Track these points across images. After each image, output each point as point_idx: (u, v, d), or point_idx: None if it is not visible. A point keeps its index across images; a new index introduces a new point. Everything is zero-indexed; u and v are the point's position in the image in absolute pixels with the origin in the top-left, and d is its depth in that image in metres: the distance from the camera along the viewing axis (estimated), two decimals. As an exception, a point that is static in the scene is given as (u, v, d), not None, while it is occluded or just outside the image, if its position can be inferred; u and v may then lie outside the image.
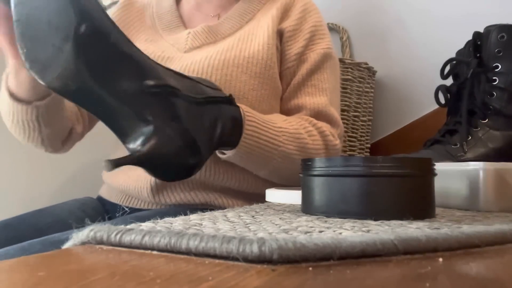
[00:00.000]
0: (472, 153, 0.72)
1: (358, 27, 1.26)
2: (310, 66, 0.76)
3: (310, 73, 0.76)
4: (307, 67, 0.76)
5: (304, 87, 0.76)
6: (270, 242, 0.22)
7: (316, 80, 0.76)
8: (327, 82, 0.77)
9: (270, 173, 0.68)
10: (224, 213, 0.41)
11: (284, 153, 0.65)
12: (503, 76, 0.74)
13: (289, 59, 0.77)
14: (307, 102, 0.74)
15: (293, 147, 0.66)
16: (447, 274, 0.22)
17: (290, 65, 0.77)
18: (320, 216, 0.39)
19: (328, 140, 0.71)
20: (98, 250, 0.26)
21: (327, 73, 0.78)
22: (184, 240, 0.24)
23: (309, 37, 0.77)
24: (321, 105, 0.74)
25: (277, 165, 0.66)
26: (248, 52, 0.72)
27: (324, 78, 0.77)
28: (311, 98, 0.75)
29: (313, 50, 0.77)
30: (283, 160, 0.65)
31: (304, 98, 0.75)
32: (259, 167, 0.66)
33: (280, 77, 0.77)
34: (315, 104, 0.74)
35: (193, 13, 0.83)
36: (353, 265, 0.22)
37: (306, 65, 0.76)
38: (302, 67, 0.76)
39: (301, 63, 0.77)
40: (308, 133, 0.69)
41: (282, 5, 0.79)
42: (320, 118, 0.73)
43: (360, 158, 0.38)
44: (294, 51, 0.77)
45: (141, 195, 0.71)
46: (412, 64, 1.17)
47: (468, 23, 0.91)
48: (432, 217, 0.38)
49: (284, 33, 0.77)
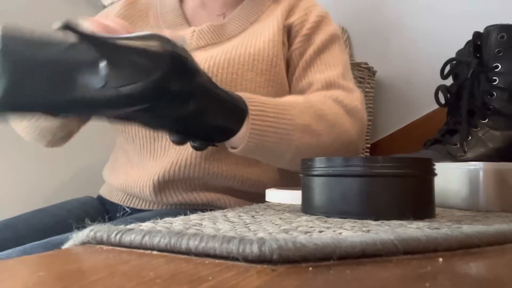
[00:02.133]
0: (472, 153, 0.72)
1: (358, 27, 1.26)
2: (318, 46, 0.75)
3: (319, 52, 0.75)
4: (315, 48, 0.75)
5: (314, 66, 0.74)
6: (270, 242, 0.22)
7: (325, 59, 0.75)
8: (337, 59, 0.75)
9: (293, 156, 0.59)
10: (224, 213, 0.41)
11: (301, 126, 0.58)
12: (503, 76, 0.74)
13: (296, 40, 0.76)
14: (318, 78, 0.72)
15: (309, 117, 0.59)
16: (447, 274, 0.22)
17: (297, 46, 0.76)
18: (320, 216, 0.39)
19: (345, 105, 0.66)
20: (98, 250, 0.26)
21: (336, 52, 0.76)
22: (184, 240, 0.24)
23: (317, 21, 0.77)
24: (332, 77, 0.71)
25: (298, 143, 0.58)
26: (254, 49, 0.72)
27: (334, 56, 0.75)
28: (321, 74, 0.72)
29: (320, 33, 0.77)
30: (303, 135, 0.58)
31: (315, 75, 0.73)
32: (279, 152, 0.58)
33: (288, 63, 0.76)
34: (326, 77, 0.71)
35: (197, 11, 0.83)
36: (353, 265, 0.22)
37: (313, 46, 0.75)
38: (310, 48, 0.75)
39: (309, 45, 0.76)
40: (320, 102, 0.64)
41: (286, 5, 0.79)
42: (333, 89, 0.70)
43: (360, 158, 0.38)
44: (301, 34, 0.76)
45: (143, 194, 0.71)
46: (412, 64, 1.17)
47: (468, 23, 0.91)
48: (432, 217, 0.38)
49: (292, 27, 0.77)
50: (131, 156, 0.74)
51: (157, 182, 0.68)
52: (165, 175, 0.68)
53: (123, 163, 0.76)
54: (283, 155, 0.59)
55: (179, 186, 0.70)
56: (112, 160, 0.81)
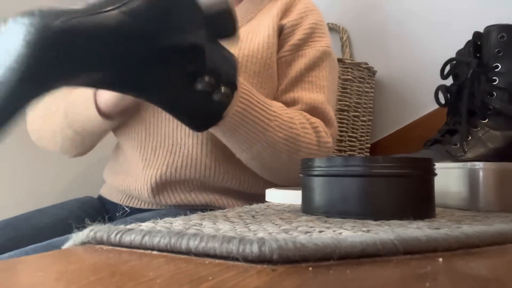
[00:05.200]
0: (472, 153, 0.72)
1: (358, 27, 1.26)
2: (309, 61, 0.75)
3: (308, 69, 0.74)
4: (305, 62, 0.74)
5: (301, 82, 0.74)
6: (270, 242, 0.22)
7: (314, 77, 0.75)
8: (325, 80, 0.75)
9: (252, 158, 0.64)
10: (224, 213, 0.41)
11: (272, 140, 0.61)
12: (503, 76, 0.74)
13: (285, 49, 0.75)
14: (304, 97, 0.72)
15: (282, 135, 0.62)
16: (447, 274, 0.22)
17: (285, 54, 0.75)
18: (320, 216, 0.39)
19: (320, 137, 0.69)
20: (98, 250, 0.26)
21: (326, 71, 0.76)
22: (184, 240, 0.24)
23: (309, 32, 0.76)
24: (317, 101, 0.72)
25: (261, 151, 0.62)
26: (248, 50, 0.71)
27: (323, 76, 0.75)
28: (308, 93, 0.73)
29: (312, 46, 0.76)
30: (268, 146, 0.62)
31: (301, 93, 0.73)
32: (241, 148, 0.62)
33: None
34: (312, 99, 0.72)
35: None
36: (353, 265, 0.22)
37: (304, 60, 0.75)
38: (300, 61, 0.75)
39: (299, 57, 0.75)
40: (301, 125, 0.66)
41: (283, 4, 0.78)
42: (315, 115, 0.71)
43: (360, 158, 0.38)
44: (290, 42, 0.75)
45: (141, 196, 0.71)
46: (412, 64, 1.17)
47: (468, 23, 0.91)
48: (432, 217, 0.38)
49: (284, 29, 0.76)
50: (128, 157, 0.74)
51: (154, 184, 0.68)
52: (162, 177, 0.68)
53: (122, 164, 0.76)
54: (240, 153, 0.63)
55: (177, 187, 0.69)
56: (112, 160, 0.81)
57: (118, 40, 0.39)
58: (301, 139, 0.65)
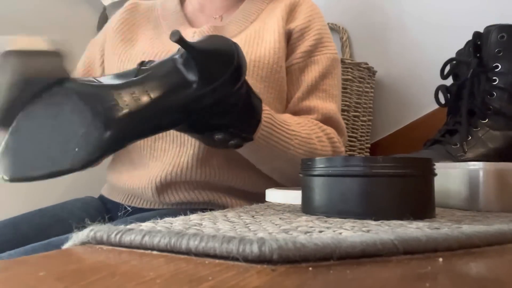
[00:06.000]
0: (472, 153, 0.72)
1: (358, 27, 1.26)
2: (322, 69, 0.76)
3: (322, 77, 0.76)
4: (319, 70, 0.76)
5: (316, 91, 0.76)
6: (270, 242, 0.22)
7: (327, 85, 0.77)
8: (337, 89, 0.78)
9: (272, 170, 0.69)
10: (224, 213, 0.41)
11: (293, 156, 0.65)
12: (503, 76, 0.74)
13: (297, 55, 0.76)
14: (319, 106, 0.74)
15: (303, 151, 0.66)
16: (447, 274, 0.22)
17: (297, 61, 0.76)
18: (320, 216, 0.39)
19: (335, 147, 0.72)
20: (98, 250, 0.26)
21: (336, 79, 0.79)
22: (184, 240, 0.24)
23: (319, 38, 0.77)
24: (332, 111, 0.75)
25: (282, 165, 0.67)
26: (255, 55, 0.72)
27: (334, 84, 0.78)
28: (323, 103, 0.75)
29: (323, 53, 0.77)
30: (288, 161, 0.65)
31: (316, 101, 0.75)
32: (263, 164, 0.68)
33: (286, 73, 0.77)
34: (327, 110, 0.74)
35: (196, 14, 0.83)
36: (353, 265, 0.22)
37: (317, 68, 0.76)
38: (313, 68, 0.76)
39: (312, 64, 0.76)
40: (318, 139, 0.70)
41: (286, 5, 0.78)
42: (329, 124, 0.74)
43: (360, 158, 0.38)
44: (302, 48, 0.76)
45: (145, 195, 0.71)
46: (412, 64, 1.17)
47: (468, 23, 0.91)
48: (432, 217, 0.38)
49: (293, 34, 0.77)
50: (133, 157, 0.74)
51: (159, 183, 0.68)
52: (167, 177, 0.68)
53: (125, 164, 0.76)
54: (260, 166, 0.69)
55: (181, 186, 0.70)
56: (114, 160, 0.81)
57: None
58: (318, 153, 0.69)
